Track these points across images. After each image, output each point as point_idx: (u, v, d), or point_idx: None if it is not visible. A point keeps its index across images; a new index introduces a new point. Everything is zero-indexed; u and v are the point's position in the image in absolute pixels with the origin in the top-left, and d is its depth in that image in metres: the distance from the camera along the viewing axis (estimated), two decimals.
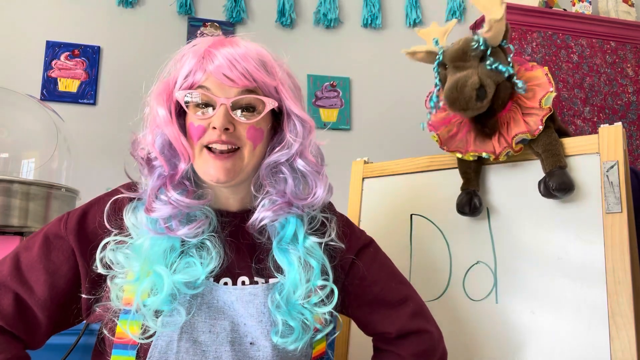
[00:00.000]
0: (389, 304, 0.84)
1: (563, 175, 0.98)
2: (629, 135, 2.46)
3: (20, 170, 1.51)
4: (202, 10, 2.23)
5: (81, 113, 2.05)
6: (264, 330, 0.74)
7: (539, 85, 1.04)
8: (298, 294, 0.74)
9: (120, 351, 0.70)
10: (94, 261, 0.72)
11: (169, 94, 0.75)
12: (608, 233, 0.94)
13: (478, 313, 1.07)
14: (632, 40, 2.57)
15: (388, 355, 0.84)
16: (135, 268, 0.70)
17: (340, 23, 2.37)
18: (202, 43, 0.75)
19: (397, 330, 0.82)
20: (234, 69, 0.71)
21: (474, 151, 1.08)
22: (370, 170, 1.35)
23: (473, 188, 1.11)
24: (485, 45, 1.00)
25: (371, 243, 0.91)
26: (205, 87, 0.73)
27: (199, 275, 0.71)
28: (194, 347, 0.71)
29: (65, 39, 2.04)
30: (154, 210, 0.72)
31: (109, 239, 0.72)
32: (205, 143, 0.73)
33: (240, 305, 0.74)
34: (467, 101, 0.97)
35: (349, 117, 2.25)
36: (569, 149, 1.03)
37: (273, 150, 0.77)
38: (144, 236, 0.72)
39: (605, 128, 0.99)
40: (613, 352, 0.88)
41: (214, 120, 0.71)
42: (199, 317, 0.72)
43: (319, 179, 0.79)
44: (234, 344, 0.72)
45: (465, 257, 1.13)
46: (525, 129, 1.02)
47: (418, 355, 0.82)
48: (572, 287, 0.97)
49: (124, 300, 0.70)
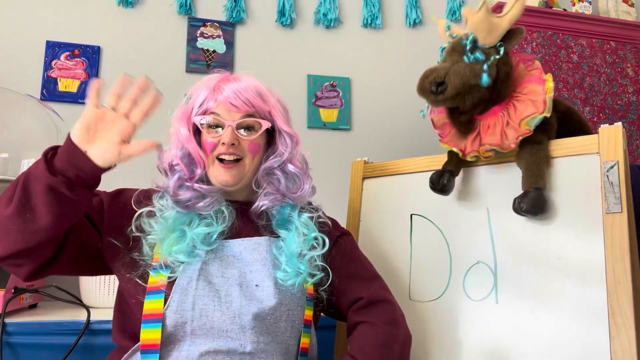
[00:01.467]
0: (363, 278, 1.03)
1: (537, 197, 0.99)
2: (629, 135, 2.46)
3: (20, 170, 1.51)
4: (202, 10, 2.22)
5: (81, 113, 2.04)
6: (267, 272, 0.92)
7: (533, 102, 1.02)
8: (296, 244, 0.94)
9: (152, 295, 0.87)
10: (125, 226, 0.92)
11: (187, 118, 0.98)
12: (608, 233, 0.94)
13: (478, 313, 1.07)
14: (632, 40, 2.57)
15: (361, 326, 0.95)
16: (164, 230, 0.91)
17: (340, 23, 2.36)
18: (213, 79, 0.99)
19: (368, 296, 0.98)
20: (238, 99, 0.95)
21: (447, 143, 1.13)
22: (370, 170, 1.35)
23: (450, 168, 1.13)
24: (471, 43, 1.00)
25: (350, 234, 1.12)
26: (216, 112, 0.96)
27: (216, 229, 0.92)
28: (209, 286, 0.89)
29: (65, 39, 2.04)
30: (178, 195, 0.94)
31: (144, 209, 0.93)
32: (216, 155, 0.96)
33: (247, 253, 0.94)
34: (424, 92, 1.03)
35: (349, 117, 2.25)
36: (569, 149, 1.03)
37: (268, 159, 1.01)
38: (170, 211, 0.93)
39: (605, 128, 0.99)
40: (613, 352, 0.88)
41: (223, 137, 0.95)
42: (212, 266, 0.91)
43: (305, 177, 1.03)
44: (241, 286, 0.90)
45: (465, 257, 1.13)
46: (498, 141, 1.03)
47: (387, 322, 0.96)
48: (572, 287, 0.97)
49: (154, 257, 0.90)
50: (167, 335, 0.86)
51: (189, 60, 2.12)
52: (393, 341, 0.93)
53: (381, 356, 0.90)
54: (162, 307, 0.86)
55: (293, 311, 0.92)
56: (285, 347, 0.91)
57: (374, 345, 0.91)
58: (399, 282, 1.21)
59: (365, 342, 0.92)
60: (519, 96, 1.05)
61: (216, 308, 0.87)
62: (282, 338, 0.91)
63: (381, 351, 0.91)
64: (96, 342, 1.19)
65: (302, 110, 2.17)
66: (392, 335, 0.94)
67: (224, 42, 2.20)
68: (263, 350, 0.88)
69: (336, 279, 0.99)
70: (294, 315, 0.92)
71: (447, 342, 1.10)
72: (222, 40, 2.20)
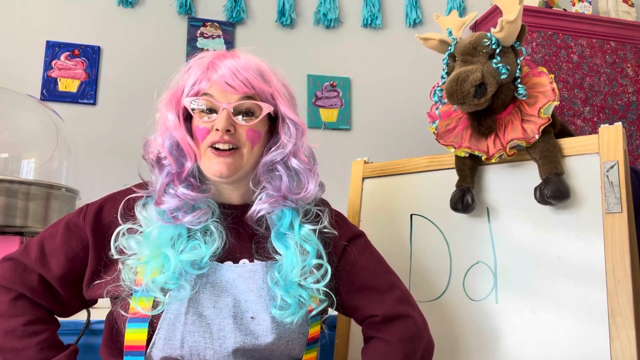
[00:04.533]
0: (377, 290, 0.90)
1: (559, 182, 0.98)
2: (629, 135, 2.46)
3: (20, 170, 1.51)
4: (202, 10, 2.23)
5: (81, 113, 2.05)
6: (263, 304, 0.81)
7: (543, 93, 1.03)
8: (295, 272, 0.82)
9: (134, 324, 0.79)
10: (109, 248, 0.82)
11: (177, 101, 0.85)
12: (608, 233, 0.94)
13: (478, 313, 1.07)
14: (632, 40, 2.57)
15: (375, 342, 0.87)
16: (145, 252, 0.80)
17: (340, 23, 2.36)
18: (207, 56, 0.85)
19: (383, 313, 0.87)
20: (235, 78, 0.81)
21: (468, 148, 1.08)
22: (370, 170, 1.35)
23: (467, 185, 1.11)
24: (497, 44, 1.00)
25: (362, 234, 0.98)
26: (209, 94, 0.82)
27: (204, 254, 0.80)
28: (200, 320, 0.79)
29: (65, 39, 2.04)
30: (162, 203, 0.82)
31: (122, 227, 0.82)
32: (209, 143, 0.82)
33: (242, 281, 0.82)
34: (465, 96, 0.98)
35: (349, 117, 2.25)
36: (569, 149, 1.03)
37: (269, 150, 0.87)
38: (154, 225, 0.81)
39: (605, 128, 0.99)
40: (613, 352, 0.88)
41: (217, 122, 0.81)
42: (204, 294, 0.80)
43: (311, 176, 0.88)
44: (236, 318, 0.80)
45: (465, 257, 1.12)
46: (521, 135, 1.02)
47: (404, 340, 0.86)
48: (572, 287, 0.97)
49: (136, 281, 0.79)
50: None
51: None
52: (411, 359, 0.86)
53: None
54: (144, 338, 0.78)
55: (294, 341, 0.84)
56: None
57: None
58: None
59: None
60: (528, 92, 1.05)
61: (208, 346, 0.78)
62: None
63: None
64: (96, 342, 1.19)
65: (302, 110, 2.17)
66: (409, 353, 0.85)
67: (224, 42, 2.20)
68: None
69: (346, 293, 0.90)
70: (295, 344, 0.84)
71: (447, 342, 1.10)
72: (222, 40, 2.20)
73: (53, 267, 0.83)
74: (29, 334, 0.80)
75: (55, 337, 0.84)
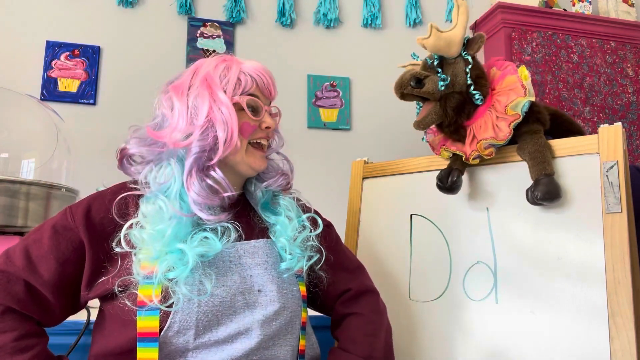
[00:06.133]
0: (349, 269, 1.04)
1: (548, 183, 0.99)
2: (629, 135, 2.46)
3: (20, 170, 1.51)
4: (202, 10, 2.23)
5: (81, 113, 2.05)
6: (268, 276, 0.88)
7: (513, 90, 1.06)
8: (290, 230, 0.91)
9: (145, 312, 0.79)
10: (110, 243, 0.82)
11: (215, 94, 0.87)
12: (608, 233, 0.94)
13: (478, 313, 1.07)
14: (632, 40, 2.57)
15: (350, 317, 0.97)
16: (156, 246, 0.80)
17: (340, 23, 2.36)
18: (239, 61, 0.92)
19: (357, 287, 1.01)
20: (271, 86, 0.94)
21: (448, 147, 1.14)
22: (370, 170, 1.35)
23: (457, 167, 1.13)
24: (438, 60, 1.08)
25: (332, 225, 1.09)
26: (256, 95, 0.91)
27: (217, 248, 0.83)
28: (212, 299, 0.82)
29: (65, 39, 2.04)
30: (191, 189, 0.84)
31: (132, 220, 0.82)
32: (254, 139, 0.92)
33: (248, 256, 0.89)
34: (402, 84, 1.09)
35: (349, 117, 2.25)
36: (569, 149, 1.03)
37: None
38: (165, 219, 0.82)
39: (605, 128, 0.99)
40: (613, 352, 0.88)
41: (266, 121, 0.92)
42: (212, 277, 0.83)
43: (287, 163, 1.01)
44: (244, 294, 0.85)
45: (465, 257, 1.13)
46: (492, 134, 1.05)
47: (375, 312, 0.99)
48: (572, 287, 0.97)
49: (147, 273, 0.79)
50: (167, 353, 0.80)
51: (189, 60, 2.12)
52: (379, 330, 0.96)
53: (371, 345, 0.92)
54: (157, 325, 0.79)
55: (295, 312, 0.91)
56: (290, 349, 0.90)
57: (364, 336, 0.93)
58: (399, 282, 1.21)
59: (355, 334, 0.94)
60: (499, 92, 1.09)
61: (220, 322, 0.82)
62: (285, 341, 0.89)
63: (370, 341, 0.93)
64: None
65: (302, 110, 2.17)
66: (378, 324, 0.97)
67: (224, 42, 2.20)
68: (268, 357, 0.86)
69: (323, 267, 0.97)
70: (295, 317, 0.91)
71: (447, 342, 1.10)
72: (222, 40, 2.20)
73: (43, 273, 0.81)
74: (20, 349, 0.77)
75: (47, 351, 0.82)
